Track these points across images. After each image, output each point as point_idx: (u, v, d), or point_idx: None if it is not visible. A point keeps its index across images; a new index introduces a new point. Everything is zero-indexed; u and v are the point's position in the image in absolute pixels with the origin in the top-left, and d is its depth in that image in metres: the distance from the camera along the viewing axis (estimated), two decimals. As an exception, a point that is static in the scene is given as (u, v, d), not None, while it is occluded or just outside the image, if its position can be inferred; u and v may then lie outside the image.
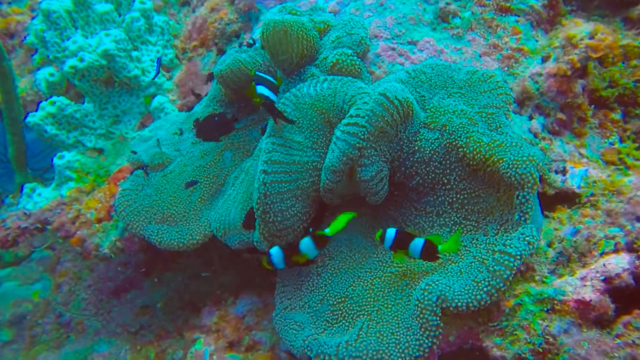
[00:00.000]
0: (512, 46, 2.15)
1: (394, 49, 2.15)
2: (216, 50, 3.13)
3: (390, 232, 1.72)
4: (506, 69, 2.12)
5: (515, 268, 1.52)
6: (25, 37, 3.78)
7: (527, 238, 1.55)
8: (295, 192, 1.92)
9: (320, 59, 2.16)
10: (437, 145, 1.88)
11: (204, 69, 3.25)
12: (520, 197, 1.61)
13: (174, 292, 3.31)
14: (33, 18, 3.82)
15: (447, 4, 2.20)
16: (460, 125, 1.84)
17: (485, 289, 1.53)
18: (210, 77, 2.98)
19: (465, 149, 1.80)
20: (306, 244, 1.86)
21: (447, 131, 1.86)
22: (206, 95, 2.82)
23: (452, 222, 1.89)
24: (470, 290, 1.56)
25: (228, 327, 2.39)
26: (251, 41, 2.74)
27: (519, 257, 1.52)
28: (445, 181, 1.90)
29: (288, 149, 1.92)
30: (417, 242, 1.66)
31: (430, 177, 1.92)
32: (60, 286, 3.62)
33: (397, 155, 1.95)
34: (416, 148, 1.92)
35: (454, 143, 1.85)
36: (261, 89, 1.91)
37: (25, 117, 2.96)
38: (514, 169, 1.64)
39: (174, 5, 3.79)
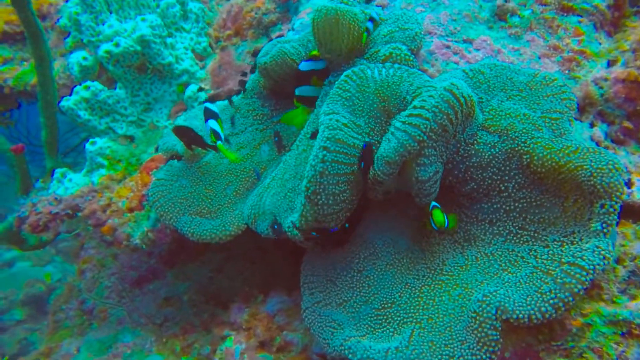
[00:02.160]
0: (574, 48, 2.04)
1: (448, 47, 2.06)
2: (267, 39, 3.05)
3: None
4: (567, 72, 2.02)
5: (587, 283, 1.43)
6: (58, 20, 3.72)
7: (602, 252, 1.45)
8: (349, 177, 1.80)
9: (370, 53, 2.07)
10: (498, 150, 1.78)
11: (238, 59, 3.17)
12: (606, 207, 1.52)
13: (198, 285, 3.26)
14: (67, 0, 3.77)
15: (506, 1, 2.09)
16: (524, 131, 1.74)
17: (551, 301, 1.44)
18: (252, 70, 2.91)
19: (531, 156, 1.71)
20: None
21: (509, 136, 1.77)
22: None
23: (507, 232, 1.80)
24: (533, 302, 1.47)
25: (260, 325, 2.32)
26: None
27: (592, 271, 1.43)
28: (503, 188, 1.80)
29: (350, 130, 1.81)
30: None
31: (486, 183, 1.83)
32: (84, 272, 3.58)
33: (451, 157, 1.87)
34: (473, 152, 1.83)
35: (516, 149, 1.75)
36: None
37: (59, 102, 2.90)
38: (599, 177, 1.54)
39: (207, -9, 3.71)
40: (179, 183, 2.40)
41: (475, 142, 1.83)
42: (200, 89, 3.10)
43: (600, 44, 2.10)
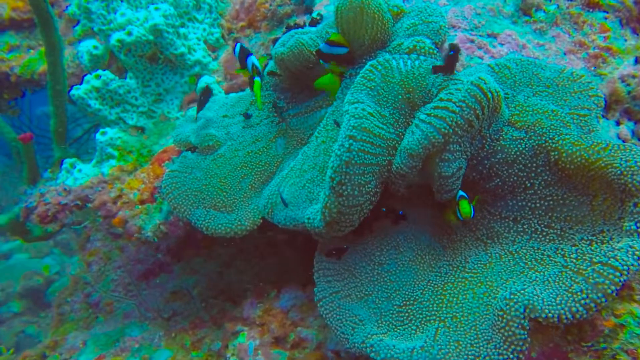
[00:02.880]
0: (600, 44, 2.01)
1: (472, 41, 2.02)
2: (284, 28, 3.00)
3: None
4: (593, 68, 1.99)
5: (620, 283, 1.40)
6: (66, 8, 3.67)
7: (637, 252, 1.42)
8: (374, 167, 1.75)
9: (393, 45, 2.04)
10: (524, 146, 1.75)
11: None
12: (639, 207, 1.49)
13: (207, 279, 3.22)
14: (76, -12, 3.71)
15: (531, -5, 2.06)
16: (552, 127, 1.71)
17: (582, 301, 1.41)
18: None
19: (559, 153, 1.68)
20: None
21: (537, 132, 1.74)
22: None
23: (532, 230, 1.77)
24: (563, 301, 1.44)
25: (274, 321, 2.29)
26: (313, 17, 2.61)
27: (625, 271, 1.40)
28: (529, 185, 1.77)
29: (375, 119, 1.76)
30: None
31: (511, 179, 1.80)
32: (90, 265, 3.55)
33: (476, 153, 1.83)
34: (499, 148, 1.79)
35: (544, 145, 1.72)
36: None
37: (69, 90, 2.86)
38: (630, 175, 1.51)
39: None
40: (193, 175, 2.36)
41: (501, 137, 1.80)
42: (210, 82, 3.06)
43: (626, 40, 2.07)
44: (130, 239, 2.49)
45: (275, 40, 2.45)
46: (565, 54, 2.00)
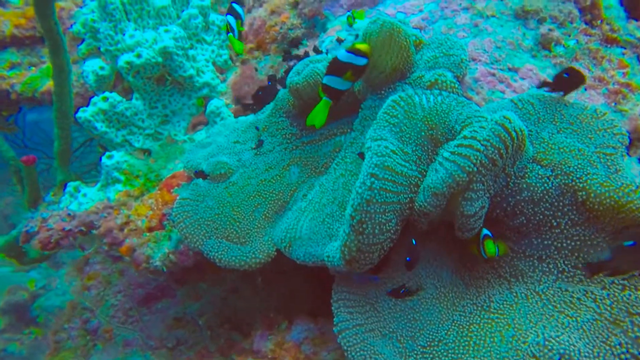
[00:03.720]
0: (619, 80, 2.01)
1: (494, 75, 2.01)
2: (282, 54, 2.98)
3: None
4: (613, 104, 1.98)
5: (661, 337, 1.38)
6: (71, 26, 3.62)
7: (676, 303, 1.40)
8: (396, 206, 1.73)
9: (413, 78, 2.01)
10: (551, 185, 1.73)
11: (260, 73, 3.10)
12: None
13: (212, 306, 3.16)
14: (81, 7, 3.67)
15: (550, 30, 2.06)
16: (579, 166, 1.69)
17: (622, 355, 1.39)
18: (263, 90, 2.84)
19: (587, 193, 1.66)
20: None
21: (563, 171, 1.72)
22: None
23: (559, 270, 1.74)
24: (601, 354, 1.42)
25: (287, 356, 2.23)
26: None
27: (666, 324, 1.38)
28: (555, 224, 1.75)
29: (398, 157, 1.74)
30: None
31: (537, 218, 1.77)
32: (89, 289, 3.45)
33: (500, 190, 1.81)
34: (524, 186, 1.77)
35: (571, 185, 1.70)
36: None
37: (75, 112, 2.80)
38: None
39: (224, 2, 3.64)
40: (205, 204, 2.31)
41: (526, 175, 1.77)
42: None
43: (643, 76, 2.07)
44: (138, 269, 2.42)
45: (288, 70, 2.42)
46: (585, 89, 1.99)
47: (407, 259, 1.80)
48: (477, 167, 1.65)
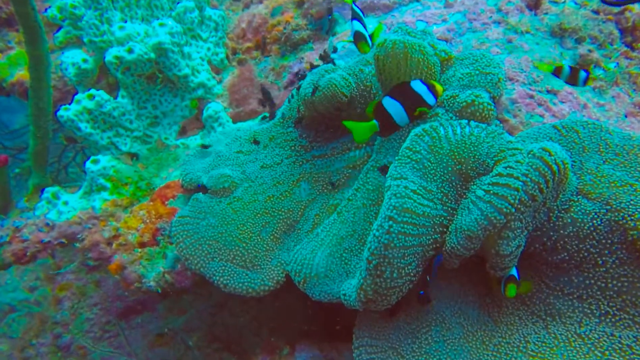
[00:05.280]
0: (659, 108, 1.91)
1: (532, 97, 1.88)
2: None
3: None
4: (653, 133, 1.89)
5: None
6: (45, 10, 3.29)
7: None
8: (417, 249, 1.61)
9: (447, 96, 1.86)
10: (600, 222, 1.61)
11: (260, 76, 2.89)
12: None
13: (198, 322, 2.94)
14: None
15: (590, 51, 1.94)
16: (632, 203, 1.58)
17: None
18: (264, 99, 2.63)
19: (638, 233, 1.55)
20: None
21: (614, 207, 1.60)
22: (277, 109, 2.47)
23: (602, 312, 1.63)
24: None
25: (294, 389, 2.06)
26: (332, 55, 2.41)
27: None
28: (600, 263, 1.64)
29: (420, 197, 1.60)
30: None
31: (580, 255, 1.66)
32: (60, 302, 3.17)
33: (540, 225, 1.68)
34: (569, 220, 1.65)
35: (621, 222, 1.59)
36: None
37: (57, 110, 2.52)
38: None
39: (217, -5, 3.40)
40: (207, 221, 2.10)
41: (571, 209, 1.65)
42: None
43: (681, 104, 1.98)
44: (129, 288, 2.19)
45: (300, 79, 2.22)
46: (626, 116, 1.89)
47: (421, 292, 1.69)
48: (515, 207, 1.52)
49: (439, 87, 1.73)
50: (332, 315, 2.39)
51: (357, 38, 1.83)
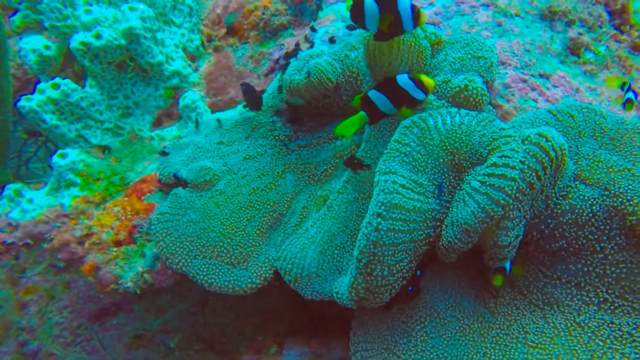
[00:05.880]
0: (649, 92, 1.89)
1: (525, 81, 1.83)
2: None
3: None
4: (644, 117, 1.87)
5: None
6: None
7: None
8: (408, 245, 1.56)
9: (438, 82, 1.79)
10: (598, 208, 1.58)
11: (238, 64, 2.76)
12: None
13: (178, 322, 2.82)
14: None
15: (580, 34, 1.90)
16: (630, 188, 1.55)
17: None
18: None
19: (637, 218, 1.52)
20: None
21: (612, 192, 1.57)
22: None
23: (601, 300, 1.60)
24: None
25: (285, 389, 1.98)
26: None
27: None
28: (599, 249, 1.61)
29: (410, 191, 1.55)
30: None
31: (579, 242, 1.62)
32: (26, 306, 2.98)
33: (538, 212, 1.64)
34: (567, 207, 1.61)
35: (619, 208, 1.56)
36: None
37: (17, 101, 2.34)
38: None
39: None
40: (188, 217, 1.99)
41: (569, 195, 1.62)
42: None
43: (668, 88, 1.97)
44: (104, 291, 2.06)
45: (283, 67, 2.12)
46: (617, 99, 1.86)
47: (410, 288, 1.67)
48: (512, 198, 1.47)
49: (426, 80, 1.64)
50: (320, 309, 2.32)
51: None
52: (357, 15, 1.57)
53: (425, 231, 1.60)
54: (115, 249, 2.11)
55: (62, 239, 2.17)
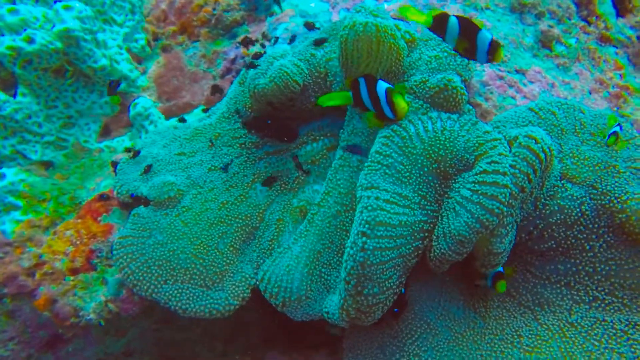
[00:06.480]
0: (618, 83, 1.91)
1: (502, 78, 1.78)
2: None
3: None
4: (616, 109, 1.88)
5: None
6: None
7: None
8: (396, 260, 1.50)
9: (415, 82, 1.71)
10: (587, 207, 1.56)
11: (189, 64, 2.57)
12: None
13: (142, 342, 2.63)
14: None
15: (550, 27, 1.88)
16: (617, 185, 1.55)
17: None
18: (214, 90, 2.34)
19: (627, 216, 1.52)
20: None
21: (600, 190, 1.56)
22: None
23: (591, 298, 1.60)
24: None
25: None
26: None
27: None
28: (588, 247, 1.60)
29: (394, 205, 1.48)
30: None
31: (568, 242, 1.61)
32: (-37, 341, 2.68)
33: (526, 215, 1.61)
34: (556, 208, 1.59)
35: (607, 206, 1.55)
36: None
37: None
38: None
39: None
40: (154, 239, 1.82)
41: (557, 195, 1.59)
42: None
43: (634, 77, 2.00)
44: (63, 325, 1.86)
45: (248, 67, 1.97)
46: (590, 93, 1.86)
47: (395, 310, 1.61)
48: (506, 205, 1.43)
49: (399, 106, 1.55)
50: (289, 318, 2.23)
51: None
52: (439, 30, 1.49)
53: (414, 244, 1.53)
54: (71, 277, 1.91)
55: (7, 271, 1.94)
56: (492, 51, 1.36)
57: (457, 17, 1.40)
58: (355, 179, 1.71)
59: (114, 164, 2.10)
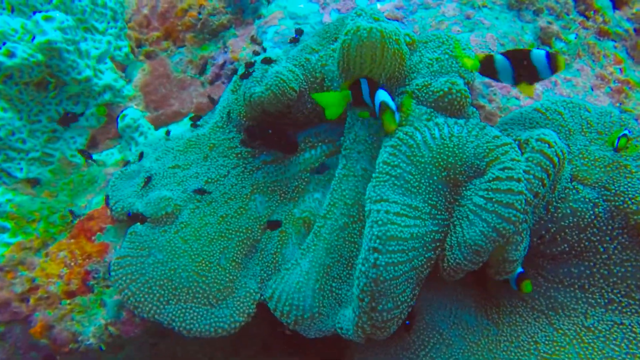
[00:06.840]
0: (619, 77, 1.88)
1: (505, 78, 1.74)
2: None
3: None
4: (618, 105, 1.85)
5: None
6: None
7: None
8: (409, 274, 1.47)
9: (418, 86, 1.66)
10: (600, 209, 1.54)
11: (176, 70, 2.48)
12: None
13: (140, 357, 2.56)
14: None
15: (549, 23, 1.84)
16: (631, 186, 1.52)
17: None
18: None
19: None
20: None
21: (613, 192, 1.53)
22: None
23: (607, 301, 1.58)
24: None
25: None
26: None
27: None
28: (602, 250, 1.57)
29: (405, 218, 1.44)
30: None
31: (581, 244, 1.58)
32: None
33: (538, 219, 1.58)
34: (568, 211, 1.56)
35: (621, 207, 1.52)
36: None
37: None
38: None
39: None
40: (153, 258, 1.75)
41: (568, 198, 1.56)
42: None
43: (633, 70, 1.97)
44: (61, 352, 1.79)
45: (244, 75, 1.90)
46: (592, 89, 1.83)
47: (407, 322, 1.57)
48: (522, 212, 1.40)
49: (388, 126, 1.53)
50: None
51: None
52: (490, 72, 1.45)
53: (426, 255, 1.49)
54: (68, 301, 1.83)
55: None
56: (553, 62, 1.35)
57: (501, 53, 1.39)
58: (360, 188, 1.66)
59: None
